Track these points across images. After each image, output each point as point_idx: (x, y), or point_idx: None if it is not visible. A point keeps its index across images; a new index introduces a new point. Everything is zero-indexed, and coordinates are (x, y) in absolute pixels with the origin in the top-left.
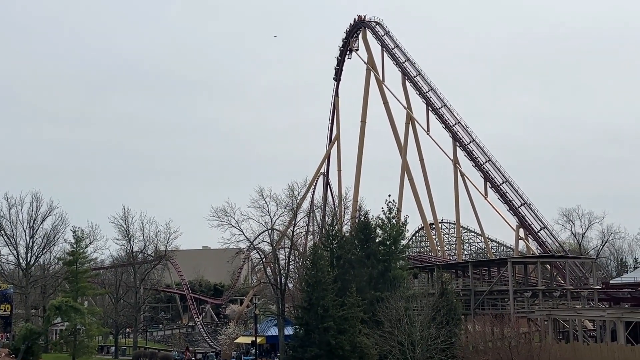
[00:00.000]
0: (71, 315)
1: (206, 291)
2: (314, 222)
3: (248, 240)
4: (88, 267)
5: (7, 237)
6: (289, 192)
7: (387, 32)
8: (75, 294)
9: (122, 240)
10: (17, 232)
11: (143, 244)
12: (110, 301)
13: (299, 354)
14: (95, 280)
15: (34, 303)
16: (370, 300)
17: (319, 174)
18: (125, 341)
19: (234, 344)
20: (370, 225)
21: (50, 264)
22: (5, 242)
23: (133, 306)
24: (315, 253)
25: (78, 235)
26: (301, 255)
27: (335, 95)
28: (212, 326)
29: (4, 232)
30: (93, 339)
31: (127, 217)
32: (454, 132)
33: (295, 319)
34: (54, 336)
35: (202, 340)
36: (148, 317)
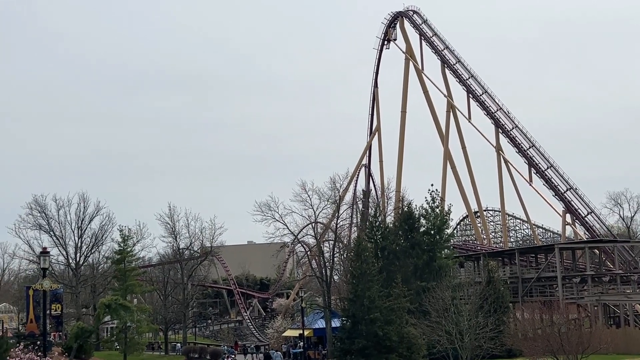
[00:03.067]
0: (121, 313)
1: (253, 286)
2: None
3: (292, 233)
4: (136, 265)
5: (56, 238)
6: (331, 185)
7: (424, 20)
8: (124, 292)
9: (168, 237)
10: (66, 232)
11: (189, 241)
12: (158, 298)
13: (347, 346)
14: (144, 277)
15: (84, 302)
16: (416, 290)
17: (360, 165)
18: (174, 337)
19: (281, 338)
20: (414, 215)
21: (99, 263)
22: (55, 243)
23: (181, 302)
24: (360, 245)
25: (125, 234)
26: (345, 247)
27: (375, 86)
28: (260, 320)
29: (53, 233)
30: (143, 336)
31: (172, 214)
32: (495, 118)
33: (341, 311)
34: (105, 334)
35: (250, 335)
36: (196, 313)
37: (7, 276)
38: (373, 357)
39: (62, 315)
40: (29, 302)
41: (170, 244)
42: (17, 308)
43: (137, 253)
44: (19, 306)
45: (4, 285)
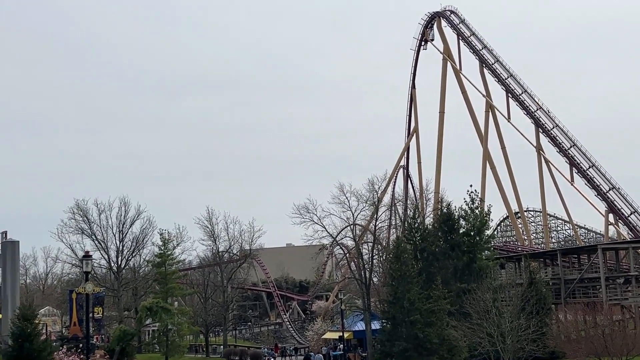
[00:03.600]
0: (162, 315)
1: (292, 288)
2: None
3: (331, 236)
4: (176, 268)
5: (98, 242)
6: (370, 187)
7: (462, 20)
8: (165, 294)
9: (207, 240)
10: (107, 236)
11: (228, 244)
12: (199, 301)
13: (387, 348)
14: (184, 280)
15: (126, 305)
16: (457, 292)
17: (398, 167)
18: (215, 340)
19: (321, 340)
20: (453, 217)
21: (140, 266)
22: (97, 247)
23: (221, 305)
24: (399, 246)
25: (165, 238)
26: (384, 249)
27: (412, 87)
28: (299, 322)
29: (95, 237)
30: (184, 339)
31: (211, 217)
32: (535, 118)
33: (381, 313)
34: (146, 337)
35: (290, 337)
36: (236, 316)
37: (51, 280)
38: (413, 359)
39: (104, 318)
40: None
41: (209, 247)
42: (60, 311)
43: (177, 256)
44: (62, 309)
45: (47, 289)
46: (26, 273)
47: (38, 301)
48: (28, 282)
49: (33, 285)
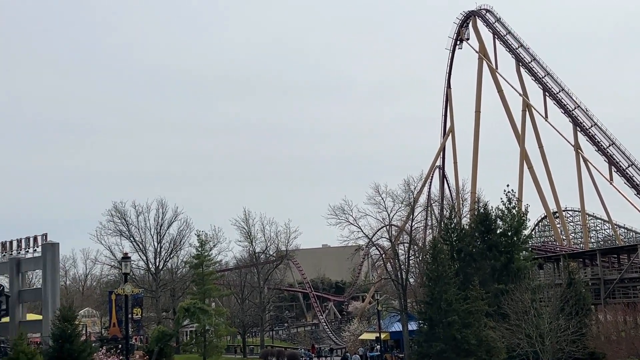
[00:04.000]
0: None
1: (328, 289)
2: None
3: (367, 236)
4: (213, 269)
5: (136, 244)
6: (405, 187)
7: (498, 19)
8: (202, 295)
9: (244, 241)
10: (145, 238)
11: (264, 245)
12: (236, 302)
13: (424, 349)
14: (221, 281)
15: (164, 306)
16: (494, 292)
17: (434, 167)
18: (252, 340)
19: (358, 341)
20: (490, 217)
21: (178, 267)
22: (135, 249)
23: (258, 306)
24: (435, 247)
25: (202, 239)
26: (421, 249)
27: (447, 86)
28: (336, 323)
29: (133, 239)
30: (221, 339)
31: (247, 219)
32: (573, 116)
33: (418, 314)
34: (184, 337)
35: (326, 338)
36: (273, 316)
37: (90, 281)
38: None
39: (143, 319)
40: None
41: (246, 248)
42: (99, 312)
43: (214, 257)
44: (102, 310)
45: (86, 291)
46: (66, 275)
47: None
48: (68, 284)
49: (73, 286)
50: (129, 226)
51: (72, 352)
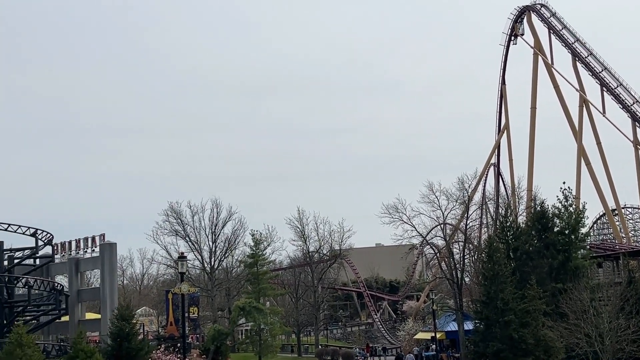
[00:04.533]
0: (254, 315)
1: (382, 288)
2: (487, 214)
3: (421, 235)
4: (268, 268)
5: (191, 243)
6: (459, 185)
7: (553, 13)
8: (257, 295)
9: (298, 241)
10: (200, 238)
11: (318, 244)
12: (290, 301)
13: (481, 349)
14: (275, 281)
15: (219, 305)
16: (552, 291)
17: (489, 164)
18: (306, 339)
19: (413, 340)
20: (547, 215)
21: (233, 267)
22: (191, 248)
23: (312, 305)
24: (491, 246)
25: (256, 238)
26: (476, 248)
27: (502, 83)
28: (391, 322)
29: (189, 239)
30: (276, 338)
31: (301, 218)
32: (632, 112)
33: (474, 314)
34: (240, 336)
35: (381, 337)
36: (327, 315)
37: (147, 280)
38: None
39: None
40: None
41: (300, 247)
42: (156, 311)
43: (269, 257)
44: (158, 309)
45: (143, 290)
46: (123, 274)
47: (135, 301)
48: (125, 283)
49: (130, 286)
50: (185, 226)
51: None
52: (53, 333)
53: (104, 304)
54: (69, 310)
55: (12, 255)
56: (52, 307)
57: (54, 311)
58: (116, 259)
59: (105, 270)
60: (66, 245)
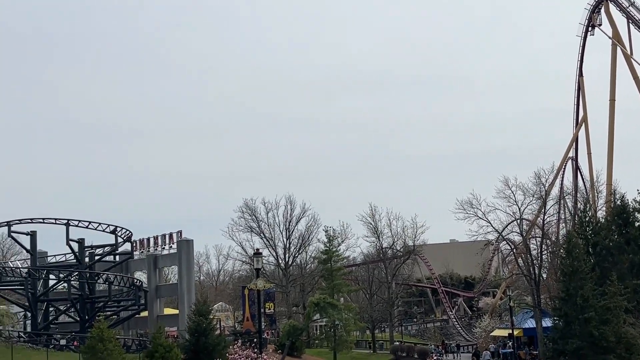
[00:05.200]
0: (329, 311)
1: (457, 284)
2: (565, 209)
3: (496, 231)
4: (341, 264)
5: (266, 240)
6: (536, 180)
7: (632, 2)
8: (331, 291)
9: (371, 237)
10: (275, 234)
11: (391, 240)
12: (364, 297)
13: (560, 346)
14: (349, 277)
15: (294, 301)
16: (634, 288)
17: (566, 158)
18: (381, 336)
19: (489, 337)
20: (628, 209)
21: (307, 263)
22: (265, 244)
23: (386, 301)
24: (570, 241)
25: (330, 235)
26: (554, 244)
27: (579, 74)
28: (466, 319)
29: (263, 235)
30: (350, 334)
31: (374, 214)
32: None
33: (552, 311)
34: (314, 332)
35: (456, 334)
36: (402, 312)
37: (223, 276)
38: (588, 358)
39: (275, 313)
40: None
41: (373, 244)
42: (232, 307)
43: (342, 253)
44: (234, 305)
45: (219, 286)
46: (200, 270)
47: (211, 297)
48: (202, 279)
49: (206, 281)
50: (259, 222)
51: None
52: (133, 328)
53: (181, 299)
54: (147, 306)
55: (93, 252)
56: (132, 302)
57: (134, 307)
58: (193, 256)
59: (183, 267)
60: (145, 242)
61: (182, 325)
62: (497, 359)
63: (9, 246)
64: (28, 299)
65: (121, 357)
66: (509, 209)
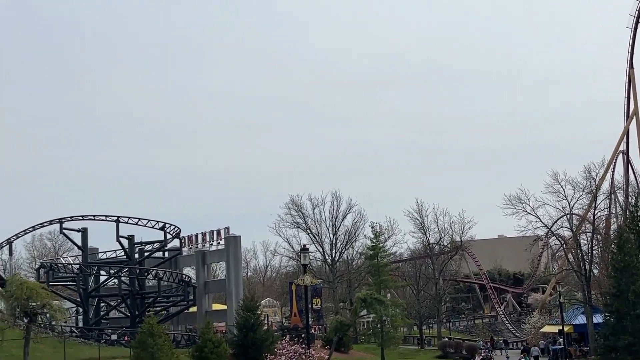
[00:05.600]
0: (376, 307)
1: (505, 280)
2: (616, 204)
3: (545, 226)
4: (388, 260)
5: (313, 236)
6: (586, 174)
7: None
8: (378, 286)
9: (417, 232)
10: (321, 230)
11: (438, 236)
12: (411, 293)
13: (611, 343)
14: (396, 273)
15: (341, 296)
16: None
17: (617, 152)
18: (429, 332)
19: (539, 333)
20: None
21: (353, 258)
22: (312, 240)
23: (434, 297)
24: (621, 236)
25: (376, 231)
26: (605, 239)
27: (630, 67)
28: (515, 315)
29: (310, 231)
30: (398, 330)
31: (421, 210)
32: None
33: (604, 307)
34: (361, 327)
35: (505, 330)
36: (449, 308)
37: (270, 272)
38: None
39: (322, 309)
40: (292, 297)
41: (420, 239)
42: (279, 302)
43: (389, 249)
44: (282, 300)
45: (266, 281)
46: (247, 266)
47: (259, 293)
48: (249, 275)
49: (254, 277)
50: (306, 218)
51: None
52: (182, 323)
53: (229, 295)
54: (196, 301)
55: (142, 249)
56: (181, 298)
57: (183, 302)
58: (240, 252)
59: (231, 262)
60: (193, 239)
61: (230, 320)
62: (546, 355)
63: (61, 243)
64: (80, 295)
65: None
66: (559, 203)
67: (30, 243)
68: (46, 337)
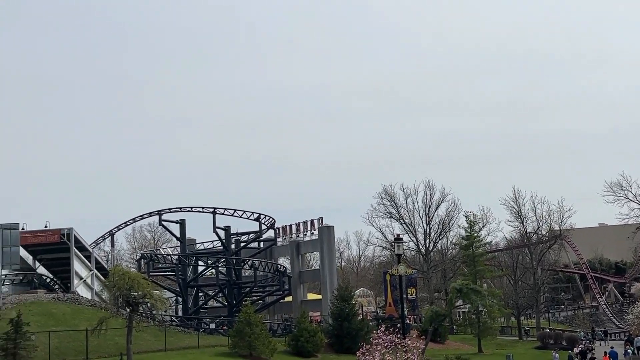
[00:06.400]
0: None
1: (607, 270)
2: None
3: None
4: (483, 250)
5: (406, 225)
6: None
7: None
8: (473, 276)
9: (514, 221)
10: (414, 220)
11: (536, 224)
12: (508, 283)
13: None
14: (492, 262)
15: (435, 286)
16: None
17: None
18: (527, 322)
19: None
20: None
21: (447, 248)
22: (405, 230)
23: (532, 287)
24: None
25: (471, 220)
26: None
27: None
28: (617, 305)
29: (403, 221)
30: (495, 321)
31: (517, 198)
32: None
33: None
34: (457, 318)
35: (607, 321)
36: (548, 298)
37: (363, 262)
38: None
39: (417, 299)
40: (387, 287)
41: (516, 228)
42: (373, 292)
43: (484, 238)
44: (376, 290)
45: (360, 271)
46: (341, 256)
47: (353, 282)
48: (343, 265)
49: (347, 267)
50: (398, 208)
51: (350, 331)
52: (278, 312)
53: (324, 285)
54: (291, 291)
55: (238, 239)
56: (276, 287)
57: (278, 292)
58: (334, 242)
59: (325, 252)
60: (287, 229)
61: (325, 310)
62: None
63: (160, 234)
64: (179, 285)
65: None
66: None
67: (130, 235)
68: (147, 325)
